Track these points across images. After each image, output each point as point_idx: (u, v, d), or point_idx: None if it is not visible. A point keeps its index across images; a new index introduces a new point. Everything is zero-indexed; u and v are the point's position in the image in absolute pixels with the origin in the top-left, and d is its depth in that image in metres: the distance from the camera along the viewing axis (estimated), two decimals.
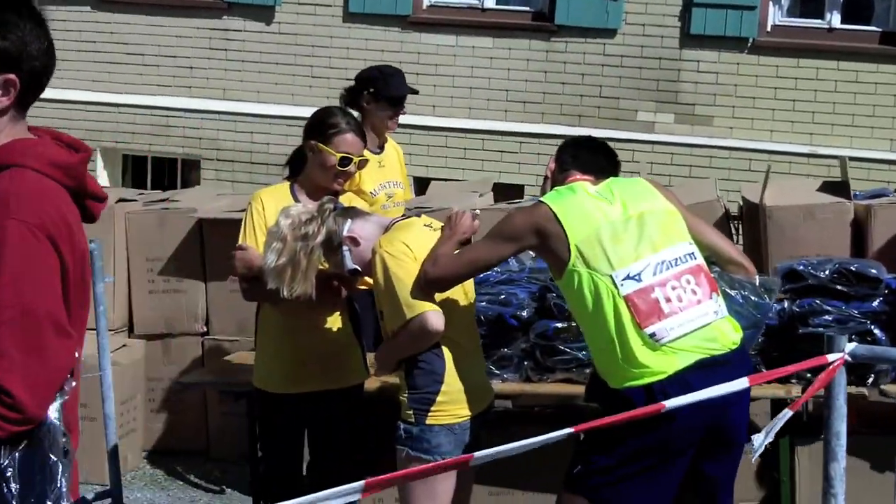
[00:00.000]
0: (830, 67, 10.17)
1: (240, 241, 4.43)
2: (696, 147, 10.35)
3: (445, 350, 3.92)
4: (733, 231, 6.85)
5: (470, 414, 3.95)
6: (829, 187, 6.48)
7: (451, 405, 3.90)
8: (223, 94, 11.00)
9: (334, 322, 4.41)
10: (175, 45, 11.02)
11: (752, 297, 3.98)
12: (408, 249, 3.87)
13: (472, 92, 10.64)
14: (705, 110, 10.37)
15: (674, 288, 3.70)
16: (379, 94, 5.88)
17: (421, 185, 10.07)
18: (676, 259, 3.77)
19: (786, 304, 4.68)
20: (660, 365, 3.64)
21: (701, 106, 10.38)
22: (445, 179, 10.33)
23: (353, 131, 4.44)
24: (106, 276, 5.25)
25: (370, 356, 4.49)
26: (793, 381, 4.66)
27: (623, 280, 3.68)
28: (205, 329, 6.88)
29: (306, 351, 4.37)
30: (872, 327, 4.62)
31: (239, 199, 7.36)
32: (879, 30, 10.21)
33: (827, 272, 4.74)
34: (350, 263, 4.04)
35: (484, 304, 4.77)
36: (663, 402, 3.15)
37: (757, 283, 4.02)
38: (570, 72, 10.51)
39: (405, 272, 3.83)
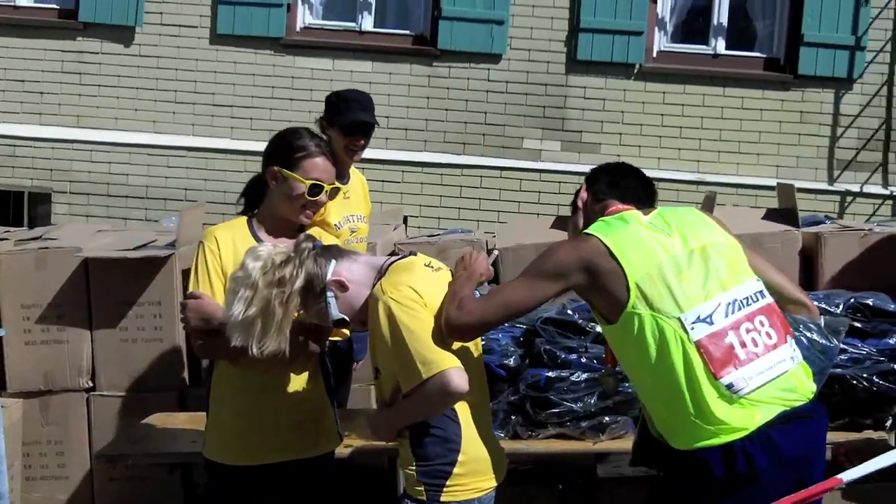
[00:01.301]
0: (716, 94, 10.02)
1: (191, 289, 3.74)
2: (585, 175, 9.96)
3: (460, 412, 3.34)
4: None
5: (492, 486, 3.37)
6: (774, 215, 6.17)
7: (470, 477, 3.31)
8: (77, 121, 10.15)
9: (307, 380, 3.77)
10: (23, 67, 10.11)
11: (819, 340, 3.53)
12: (417, 296, 3.27)
13: None
14: (592, 137, 10.07)
15: (748, 331, 3.24)
16: (333, 120, 5.28)
17: None
18: (748, 298, 3.30)
19: (837, 346, 4.20)
20: (739, 421, 3.17)
21: (588, 133, 10.07)
22: None
23: (324, 155, 3.82)
24: None
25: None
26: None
27: (693, 323, 3.19)
28: (90, 384, 6.09)
29: (276, 415, 3.70)
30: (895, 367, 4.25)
31: (125, 236, 6.62)
32: (763, 55, 10.12)
33: (840, 307, 4.36)
34: (336, 312, 3.41)
35: None
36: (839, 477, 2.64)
37: (822, 325, 3.58)
38: (453, 98, 10.06)
39: (417, 323, 3.23)
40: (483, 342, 4.17)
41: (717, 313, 3.21)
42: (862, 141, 9.92)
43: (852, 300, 4.35)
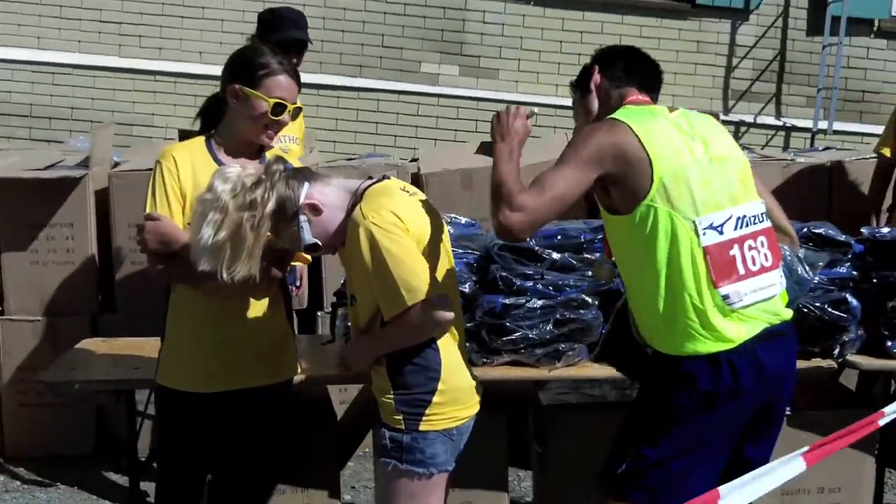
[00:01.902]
0: (615, 21, 10.05)
1: (148, 209, 3.54)
2: (483, 101, 9.96)
3: (440, 339, 3.27)
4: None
5: (469, 415, 3.31)
6: None
7: (450, 406, 3.24)
8: None
9: (268, 307, 3.63)
10: None
11: (798, 271, 3.56)
12: (399, 220, 3.14)
13: (243, 38, 9.63)
14: (491, 63, 10.00)
15: (749, 248, 3.25)
16: (266, 37, 5.09)
17: (186, 139, 9.15)
18: (754, 217, 3.30)
19: (815, 279, 4.21)
20: (730, 332, 3.19)
21: (486, 58, 9.99)
22: None
23: (287, 73, 3.64)
24: None
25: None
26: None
27: (705, 229, 3.18)
28: None
29: (236, 342, 3.55)
30: (847, 295, 4.30)
31: (32, 155, 6.33)
32: None
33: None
34: (309, 237, 3.27)
35: None
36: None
37: (802, 256, 3.61)
38: (350, 19, 9.85)
39: (401, 249, 3.11)
40: None
41: (727, 224, 3.22)
42: (757, 72, 10.08)
43: (804, 229, 4.38)
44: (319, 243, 3.30)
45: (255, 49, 3.73)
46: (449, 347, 3.26)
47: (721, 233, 3.20)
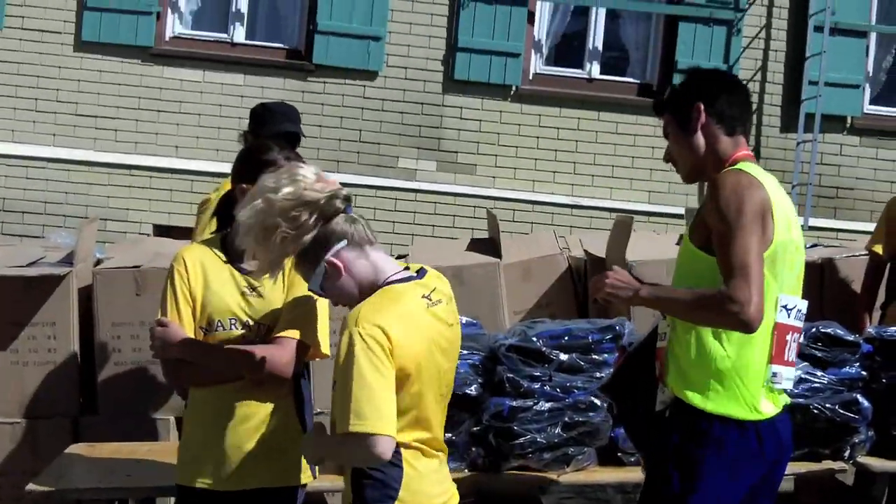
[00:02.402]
0: (591, 118, 10.08)
1: (158, 315, 3.47)
2: (460, 196, 9.95)
3: (405, 454, 3.09)
4: (580, 288, 6.39)
5: None
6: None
7: None
8: None
9: (278, 408, 3.53)
10: None
11: None
12: (386, 340, 2.98)
13: (220, 132, 9.73)
14: (468, 158, 10.00)
15: (794, 339, 3.38)
16: (257, 131, 5.06)
17: (161, 234, 9.06)
18: (802, 313, 3.41)
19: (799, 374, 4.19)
20: (765, 407, 3.33)
21: (464, 154, 10.00)
22: (189, 228, 9.37)
23: None
24: None
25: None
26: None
27: (781, 307, 3.29)
28: None
29: (243, 442, 3.46)
30: (857, 396, 4.25)
31: (12, 251, 6.19)
32: (637, 81, 10.23)
33: (803, 337, 4.33)
34: (317, 286, 3.17)
35: None
36: None
37: None
38: (328, 114, 9.85)
39: (372, 372, 2.95)
40: None
41: (793, 311, 3.32)
42: None
43: (813, 329, 4.36)
44: (323, 294, 3.19)
45: (260, 146, 3.68)
46: (417, 464, 3.13)
47: (788, 317, 3.29)
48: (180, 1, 9.84)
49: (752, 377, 3.26)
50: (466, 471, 4.10)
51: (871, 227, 9.53)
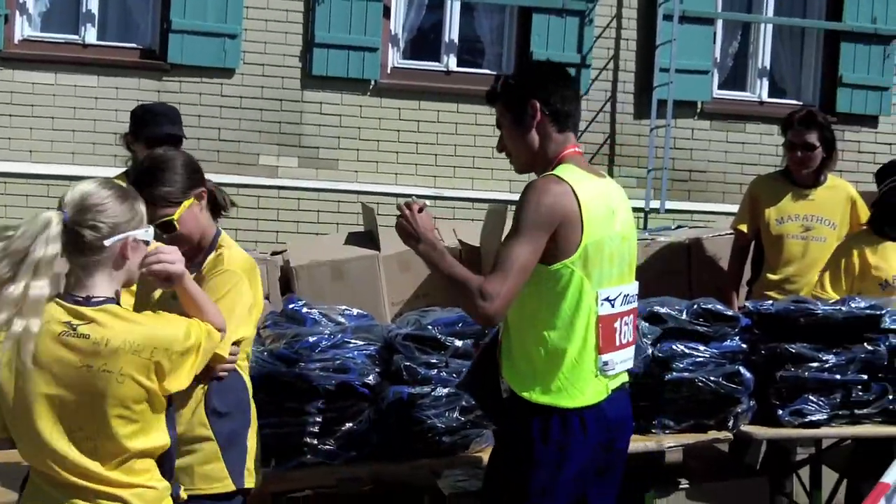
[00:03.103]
0: (450, 110, 10.17)
1: None
2: (324, 192, 9.92)
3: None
4: None
5: None
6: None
7: None
8: None
9: (190, 406, 3.46)
10: None
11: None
12: None
13: (75, 135, 9.52)
14: (330, 153, 9.99)
15: (625, 324, 3.53)
16: (138, 133, 5.01)
17: None
18: (632, 296, 3.59)
19: (649, 349, 4.35)
20: (593, 394, 3.47)
21: (325, 149, 9.97)
22: None
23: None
24: None
25: None
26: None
27: (603, 301, 3.42)
28: None
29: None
30: (739, 368, 4.41)
31: None
32: (493, 73, 10.32)
33: (684, 312, 4.49)
34: None
35: (318, 373, 4.01)
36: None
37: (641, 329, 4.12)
38: (185, 113, 9.42)
39: None
40: (338, 361, 4.05)
41: (617, 300, 3.45)
42: (589, 155, 10.33)
43: (694, 306, 4.52)
44: None
45: None
46: None
47: (613, 307, 3.43)
48: (28, 3, 9.57)
49: (575, 368, 3.38)
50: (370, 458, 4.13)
51: (723, 207, 9.97)
